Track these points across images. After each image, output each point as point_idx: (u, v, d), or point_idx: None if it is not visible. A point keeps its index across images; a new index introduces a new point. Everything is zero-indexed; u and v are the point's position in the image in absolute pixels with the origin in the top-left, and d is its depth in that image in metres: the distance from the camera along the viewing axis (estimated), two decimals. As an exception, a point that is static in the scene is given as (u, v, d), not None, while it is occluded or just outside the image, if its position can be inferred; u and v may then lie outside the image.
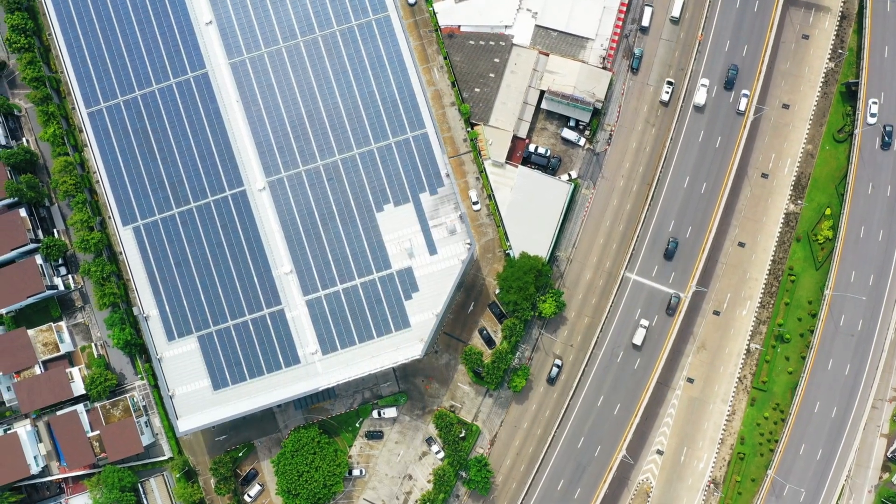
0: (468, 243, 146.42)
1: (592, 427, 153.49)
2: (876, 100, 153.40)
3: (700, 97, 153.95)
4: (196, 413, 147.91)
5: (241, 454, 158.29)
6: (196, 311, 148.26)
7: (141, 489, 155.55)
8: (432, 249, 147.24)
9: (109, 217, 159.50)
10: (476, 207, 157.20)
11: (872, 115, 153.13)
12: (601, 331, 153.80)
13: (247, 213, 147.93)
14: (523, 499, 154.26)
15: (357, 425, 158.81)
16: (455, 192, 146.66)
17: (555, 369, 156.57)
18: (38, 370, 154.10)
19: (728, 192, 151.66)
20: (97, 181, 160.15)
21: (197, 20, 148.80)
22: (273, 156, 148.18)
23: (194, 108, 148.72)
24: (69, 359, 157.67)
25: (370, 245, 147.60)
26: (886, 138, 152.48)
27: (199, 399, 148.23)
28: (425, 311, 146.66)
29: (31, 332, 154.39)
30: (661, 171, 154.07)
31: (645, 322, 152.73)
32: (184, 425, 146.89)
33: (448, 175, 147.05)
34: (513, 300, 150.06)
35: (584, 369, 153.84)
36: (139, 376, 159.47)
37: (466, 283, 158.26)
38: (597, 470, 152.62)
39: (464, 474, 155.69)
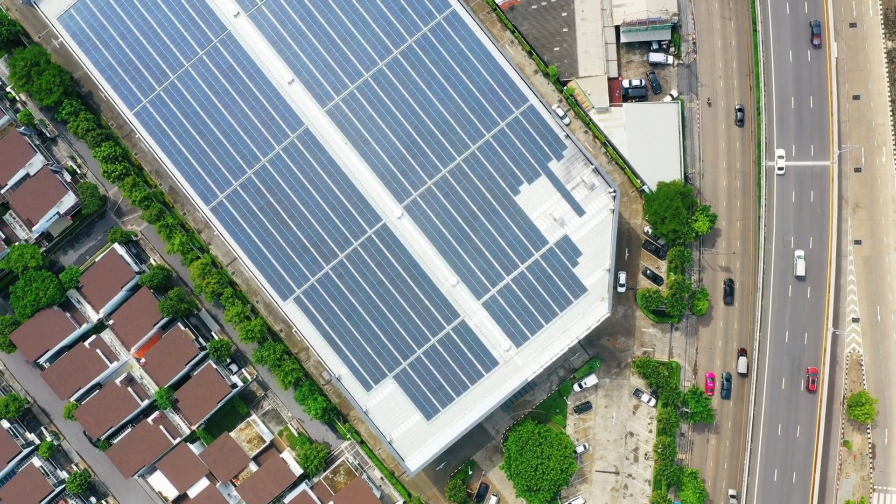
0: (612, 191, 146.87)
1: (792, 317, 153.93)
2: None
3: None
4: (419, 448, 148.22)
5: (469, 473, 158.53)
6: (383, 354, 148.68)
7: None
8: (580, 210, 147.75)
9: (258, 301, 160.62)
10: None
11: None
12: (765, 225, 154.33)
13: (395, 244, 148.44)
14: (753, 408, 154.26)
15: (566, 402, 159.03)
16: (580, 149, 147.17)
17: (727, 279, 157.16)
18: (253, 467, 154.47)
19: (834, 47, 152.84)
20: (233, 272, 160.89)
21: (279, 83, 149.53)
22: (398, 181, 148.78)
23: (308, 166, 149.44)
24: (274, 447, 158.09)
25: (520, 228, 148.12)
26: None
27: (416, 434, 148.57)
28: (596, 270, 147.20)
29: (232, 434, 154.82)
30: (763, 56, 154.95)
31: (801, 201, 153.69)
32: (413, 464, 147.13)
33: (567, 136, 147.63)
34: (671, 229, 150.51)
35: (763, 267, 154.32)
36: (343, 438, 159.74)
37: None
38: (811, 354, 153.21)
39: (686, 410, 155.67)
